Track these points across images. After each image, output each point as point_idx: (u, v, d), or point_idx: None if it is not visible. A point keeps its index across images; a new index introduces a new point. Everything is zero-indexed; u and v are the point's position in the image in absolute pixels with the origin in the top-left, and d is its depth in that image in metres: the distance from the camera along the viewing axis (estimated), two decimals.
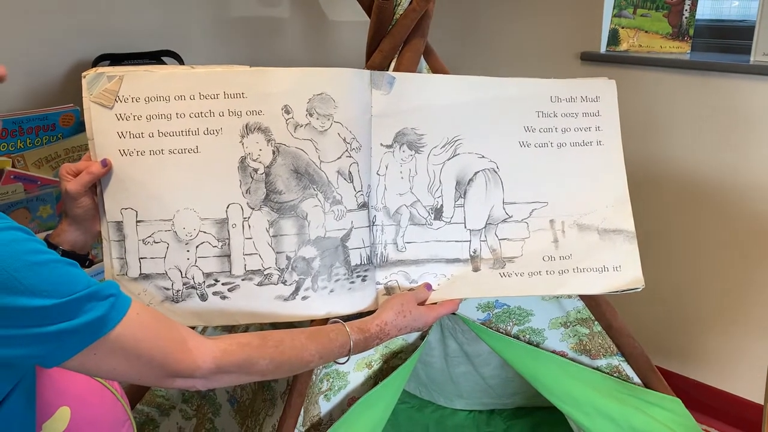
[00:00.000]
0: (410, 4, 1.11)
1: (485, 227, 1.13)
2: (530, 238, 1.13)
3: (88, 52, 1.77)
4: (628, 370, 1.25)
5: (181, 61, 1.87)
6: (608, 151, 1.15)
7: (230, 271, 1.01)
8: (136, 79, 0.97)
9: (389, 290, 1.10)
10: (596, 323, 1.25)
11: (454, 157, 1.11)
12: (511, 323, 1.23)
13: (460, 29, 2.29)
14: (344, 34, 2.29)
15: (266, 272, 1.02)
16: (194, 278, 1.01)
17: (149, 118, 0.97)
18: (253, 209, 1.01)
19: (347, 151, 1.04)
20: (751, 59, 1.72)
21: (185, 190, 0.99)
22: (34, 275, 0.69)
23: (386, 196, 1.09)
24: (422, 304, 1.08)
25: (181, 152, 0.98)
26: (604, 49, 1.98)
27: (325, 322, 1.04)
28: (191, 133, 0.98)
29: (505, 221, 1.13)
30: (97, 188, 0.98)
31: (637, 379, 1.25)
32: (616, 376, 1.25)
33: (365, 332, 0.99)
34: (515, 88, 1.13)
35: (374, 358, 1.18)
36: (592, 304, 1.23)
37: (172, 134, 0.98)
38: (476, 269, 1.12)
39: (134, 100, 0.97)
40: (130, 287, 0.99)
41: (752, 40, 1.71)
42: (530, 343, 1.24)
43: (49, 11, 1.70)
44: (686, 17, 1.90)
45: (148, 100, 0.97)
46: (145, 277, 1.00)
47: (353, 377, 1.16)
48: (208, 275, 1.01)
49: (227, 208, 1.00)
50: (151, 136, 0.97)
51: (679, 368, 1.98)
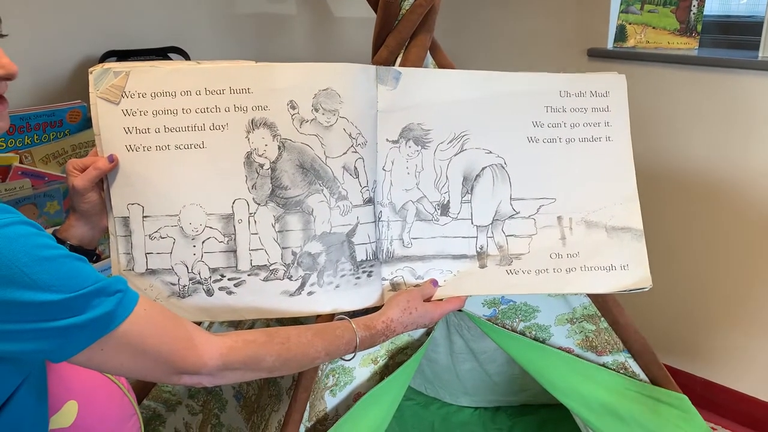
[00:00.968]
0: None
1: (492, 223, 1.12)
2: (537, 234, 1.12)
3: (95, 48, 1.78)
4: (634, 366, 1.25)
5: (187, 57, 1.87)
6: (617, 147, 1.14)
7: (236, 266, 1.01)
8: (142, 74, 0.97)
9: (395, 286, 1.10)
10: (603, 319, 1.24)
11: (461, 152, 1.11)
12: (517, 320, 1.23)
13: (466, 25, 2.29)
14: (350, 30, 2.29)
15: (272, 267, 1.02)
16: (200, 273, 1.01)
17: (155, 113, 0.97)
18: (258, 205, 1.01)
19: (353, 146, 1.03)
20: (759, 55, 1.71)
21: (191, 185, 0.99)
22: (42, 270, 0.70)
23: (392, 191, 1.09)
24: (428, 300, 1.08)
25: (187, 148, 0.98)
26: (611, 45, 1.97)
27: (330, 317, 1.04)
28: (197, 128, 0.98)
29: (512, 217, 1.12)
30: (103, 184, 0.99)
31: (643, 375, 1.25)
32: (622, 372, 1.24)
33: (371, 329, 0.99)
34: (523, 82, 1.12)
35: (380, 354, 1.18)
36: (598, 300, 1.23)
37: (178, 130, 0.98)
38: (483, 266, 1.12)
39: (140, 95, 0.97)
40: (136, 282, 1.00)
41: (761, 36, 1.70)
42: (536, 339, 1.24)
43: (56, 8, 1.70)
44: (694, 13, 1.89)
45: (154, 95, 0.97)
46: (151, 272, 1.00)
47: (359, 373, 1.16)
48: (214, 270, 1.01)
49: (233, 203, 1.00)
50: (157, 131, 0.98)
51: (686, 365, 1.98)
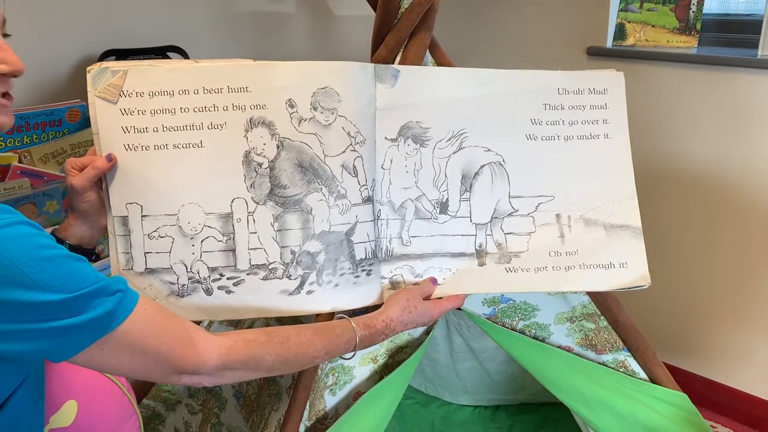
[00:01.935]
0: None
1: (491, 221, 1.12)
2: (536, 232, 1.12)
3: (94, 47, 1.77)
4: (634, 365, 1.25)
5: (186, 56, 1.87)
6: (615, 144, 1.14)
7: (235, 265, 1.01)
8: (140, 73, 0.97)
9: (394, 285, 1.10)
10: (602, 318, 1.24)
11: (459, 150, 1.11)
12: (516, 318, 1.23)
13: (465, 23, 2.29)
14: (349, 28, 2.29)
15: (271, 267, 1.01)
16: (199, 273, 1.01)
17: (153, 112, 0.97)
18: (257, 204, 1.01)
19: (351, 145, 1.03)
20: (758, 53, 1.70)
21: (190, 184, 0.99)
22: (42, 270, 0.70)
23: (391, 190, 1.09)
24: (427, 298, 1.08)
25: (185, 147, 0.98)
26: (610, 43, 1.97)
27: (330, 316, 1.04)
28: (195, 127, 0.98)
29: (510, 215, 1.12)
30: (102, 183, 0.99)
31: (643, 374, 1.25)
32: (622, 371, 1.24)
33: (371, 328, 0.99)
34: (522, 80, 1.12)
35: (380, 352, 1.18)
36: (598, 298, 1.23)
37: (176, 129, 0.98)
38: (482, 264, 1.12)
39: (138, 94, 0.97)
40: (135, 282, 1.00)
41: (760, 34, 1.70)
42: (536, 338, 1.24)
43: (55, 7, 1.70)
44: (693, 11, 1.89)
45: (152, 94, 0.97)
46: (150, 271, 1.00)
47: (359, 372, 1.16)
48: (213, 270, 1.01)
49: (232, 202, 1.00)
50: (155, 130, 0.97)
51: (685, 364, 1.97)
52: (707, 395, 1.91)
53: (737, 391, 1.90)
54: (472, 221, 1.12)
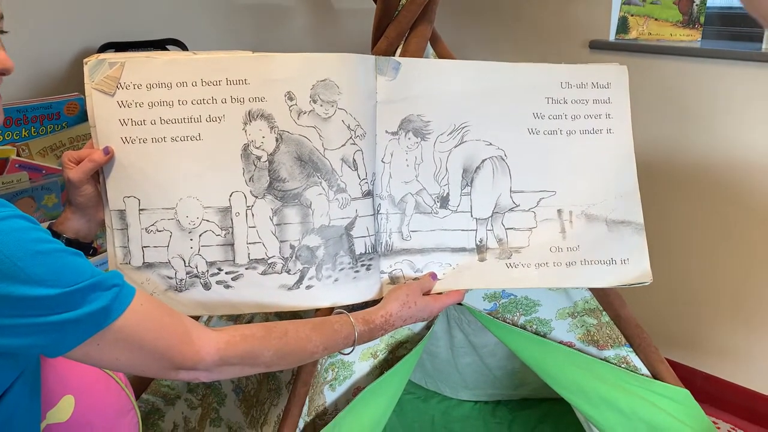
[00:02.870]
0: None
1: (492, 216, 1.11)
2: (537, 227, 1.12)
3: (92, 40, 1.76)
4: (636, 361, 1.24)
5: (186, 49, 1.86)
6: (618, 139, 1.13)
7: (234, 260, 1.00)
8: (137, 65, 0.96)
9: (394, 279, 1.09)
10: (604, 313, 1.23)
11: (461, 144, 1.10)
12: (517, 313, 1.22)
13: (466, 16, 2.27)
14: (350, 21, 2.28)
15: (270, 261, 1.01)
16: (197, 267, 1.00)
17: (151, 105, 0.96)
18: (256, 197, 1.00)
19: (351, 138, 1.02)
20: (762, 47, 1.69)
21: (188, 178, 0.98)
22: (37, 264, 0.69)
23: (391, 184, 1.08)
24: (427, 293, 1.07)
25: (183, 140, 0.97)
26: (613, 37, 1.95)
27: (329, 311, 1.04)
28: (193, 120, 0.97)
29: (512, 210, 1.12)
30: (99, 176, 0.98)
31: (645, 370, 1.24)
32: (624, 367, 1.23)
33: (370, 323, 0.98)
34: (524, 73, 1.11)
35: (380, 348, 1.17)
36: (600, 294, 1.22)
37: (174, 121, 0.97)
38: (482, 259, 1.11)
39: (136, 86, 0.96)
40: (133, 276, 0.99)
41: (764, 28, 1.68)
42: (537, 333, 1.23)
43: None
44: (697, 4, 1.88)
45: (150, 86, 0.96)
46: (148, 265, 0.99)
47: (358, 367, 1.15)
48: (211, 264, 1.00)
49: (230, 196, 0.99)
50: (153, 123, 0.97)
51: (686, 359, 1.97)
52: (708, 391, 1.90)
53: (739, 386, 1.90)
54: (472, 216, 1.11)
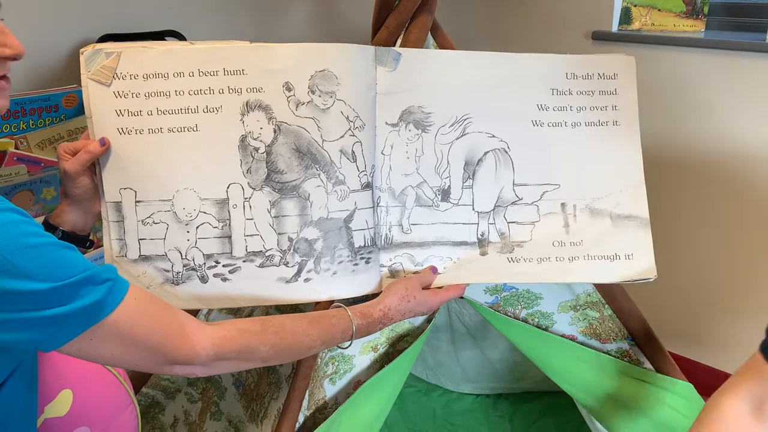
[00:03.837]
0: None
1: (494, 209, 1.10)
2: (540, 221, 1.10)
3: (91, 32, 1.75)
4: (639, 354, 1.23)
5: (184, 40, 1.84)
6: (625, 132, 1.11)
7: (231, 252, 0.99)
8: (134, 55, 0.95)
9: (393, 273, 1.08)
10: (606, 307, 1.22)
11: (463, 136, 1.08)
12: (519, 307, 1.21)
13: (468, 6, 2.25)
14: (349, 11, 2.26)
15: (268, 254, 1.00)
16: (194, 260, 0.99)
17: (148, 95, 0.95)
18: (254, 189, 0.99)
19: (350, 129, 1.01)
20: (767, 38, 1.67)
21: (185, 169, 0.97)
22: (29, 258, 0.68)
23: (391, 176, 1.07)
24: (427, 287, 1.06)
25: (180, 131, 0.96)
26: (615, 27, 1.94)
27: (328, 304, 1.03)
28: (190, 111, 0.96)
29: (514, 204, 1.10)
30: (96, 168, 0.97)
31: (648, 363, 1.23)
32: (626, 360, 1.23)
33: (368, 317, 0.98)
34: (528, 64, 1.09)
35: (380, 341, 1.16)
36: (603, 287, 1.21)
37: (171, 112, 0.96)
38: (484, 253, 1.10)
39: (132, 77, 0.95)
40: (129, 269, 0.98)
41: None
42: (539, 326, 1.22)
43: None
44: None
45: (146, 77, 0.95)
46: (144, 258, 0.99)
47: (359, 361, 1.15)
48: (208, 257, 0.99)
49: (228, 188, 0.98)
50: (149, 114, 0.96)
51: (689, 352, 1.96)
52: (711, 384, 1.88)
53: None
54: (474, 209, 1.10)
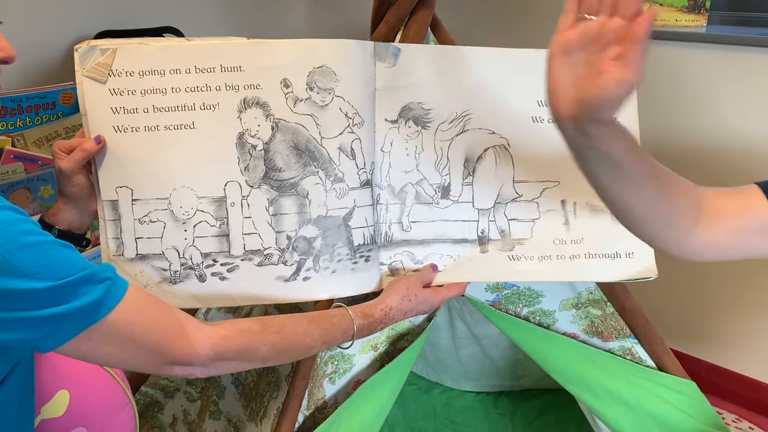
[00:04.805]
0: None
1: (494, 207, 1.09)
2: (540, 219, 1.09)
3: (88, 28, 1.74)
4: (641, 352, 1.22)
5: (182, 37, 1.83)
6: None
7: (229, 251, 0.99)
8: (129, 52, 0.94)
9: (393, 271, 1.07)
10: (608, 304, 1.22)
11: (462, 132, 1.07)
12: (520, 305, 1.21)
13: (467, 2, 2.24)
14: (348, 6, 2.25)
15: (266, 252, 0.99)
16: (192, 258, 0.98)
17: (144, 92, 0.94)
18: (252, 187, 0.98)
19: (349, 126, 1.00)
20: None
21: (182, 167, 0.96)
22: (26, 257, 0.67)
23: (391, 173, 1.06)
24: (428, 285, 1.06)
25: (177, 128, 0.95)
26: None
27: (328, 304, 1.02)
28: (187, 108, 0.95)
29: (515, 201, 1.09)
30: (91, 166, 0.96)
31: (650, 361, 1.23)
32: (628, 358, 1.22)
33: (369, 317, 0.97)
34: (529, 59, 1.08)
35: (380, 340, 1.16)
36: (604, 284, 1.20)
37: (167, 109, 0.95)
38: (484, 251, 1.09)
39: (128, 74, 0.94)
40: (126, 268, 0.97)
41: None
42: (540, 324, 1.21)
43: None
44: None
45: (142, 74, 0.94)
46: (141, 257, 0.98)
47: (359, 360, 1.14)
48: (206, 255, 0.98)
49: (225, 186, 0.97)
50: (145, 111, 0.95)
51: (690, 349, 1.96)
52: (713, 381, 1.89)
53: (743, 376, 1.89)
54: (474, 206, 1.09)
